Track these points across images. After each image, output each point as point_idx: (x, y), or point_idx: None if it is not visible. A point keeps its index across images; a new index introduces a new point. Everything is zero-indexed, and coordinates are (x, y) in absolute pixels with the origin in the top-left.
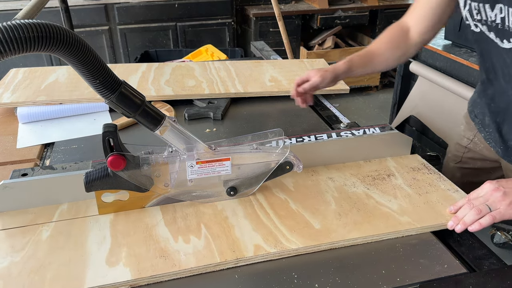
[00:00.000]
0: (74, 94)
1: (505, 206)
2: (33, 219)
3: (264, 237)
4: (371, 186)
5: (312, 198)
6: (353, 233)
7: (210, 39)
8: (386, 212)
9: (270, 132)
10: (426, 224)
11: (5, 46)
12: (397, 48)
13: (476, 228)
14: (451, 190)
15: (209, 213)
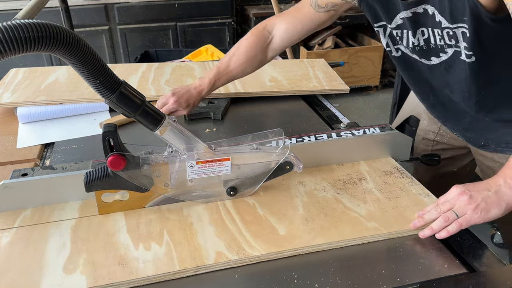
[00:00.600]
0: (74, 94)
1: (471, 211)
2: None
3: (227, 243)
4: (342, 191)
5: (281, 203)
6: (318, 239)
7: (210, 39)
8: (353, 217)
9: (270, 132)
10: (393, 230)
11: (5, 46)
12: (256, 63)
13: (443, 235)
14: (422, 195)
15: (173, 219)
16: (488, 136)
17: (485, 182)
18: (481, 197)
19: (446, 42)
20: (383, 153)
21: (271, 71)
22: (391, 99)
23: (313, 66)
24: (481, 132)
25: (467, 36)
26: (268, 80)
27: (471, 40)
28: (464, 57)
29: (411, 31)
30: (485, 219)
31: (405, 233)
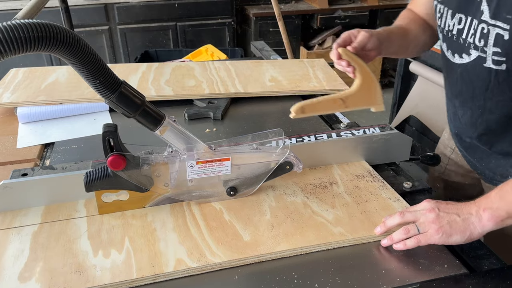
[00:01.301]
0: (74, 94)
1: (433, 230)
2: None
3: (189, 250)
4: (311, 195)
5: (249, 208)
6: (282, 245)
7: (210, 39)
8: (320, 223)
9: (270, 132)
10: (359, 236)
11: (5, 46)
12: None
13: (400, 247)
14: (392, 199)
15: (137, 225)
16: (484, 162)
17: (458, 205)
18: (447, 220)
19: (475, 42)
20: (382, 153)
21: (271, 71)
22: (391, 99)
23: (313, 66)
24: (478, 159)
25: (503, 39)
26: (268, 80)
27: (509, 43)
28: (491, 63)
29: (451, 11)
30: (444, 243)
31: (371, 238)
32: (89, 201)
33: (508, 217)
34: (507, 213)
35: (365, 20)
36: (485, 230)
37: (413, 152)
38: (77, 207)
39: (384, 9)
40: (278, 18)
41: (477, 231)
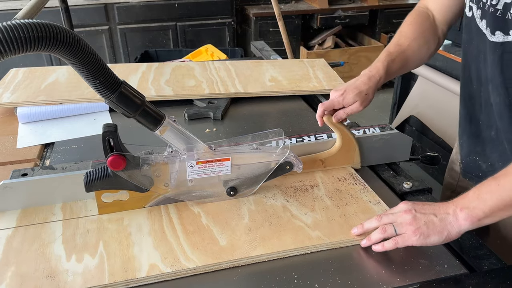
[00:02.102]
0: (74, 94)
1: (410, 232)
2: None
3: (163, 255)
4: (291, 198)
5: (227, 212)
6: (258, 249)
7: (210, 39)
8: (298, 226)
9: (270, 132)
10: (336, 239)
11: (5, 46)
12: (429, 43)
13: (379, 249)
14: (372, 202)
15: (112, 229)
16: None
17: (435, 205)
18: (424, 221)
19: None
20: (382, 153)
21: (271, 71)
22: (391, 99)
23: (313, 66)
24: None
25: None
26: (268, 80)
27: None
28: None
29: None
30: (422, 244)
31: (349, 242)
32: (66, 204)
33: (485, 216)
34: (484, 213)
35: (365, 20)
36: (462, 229)
37: (413, 152)
38: (53, 211)
39: (384, 9)
40: (278, 18)
41: (455, 230)
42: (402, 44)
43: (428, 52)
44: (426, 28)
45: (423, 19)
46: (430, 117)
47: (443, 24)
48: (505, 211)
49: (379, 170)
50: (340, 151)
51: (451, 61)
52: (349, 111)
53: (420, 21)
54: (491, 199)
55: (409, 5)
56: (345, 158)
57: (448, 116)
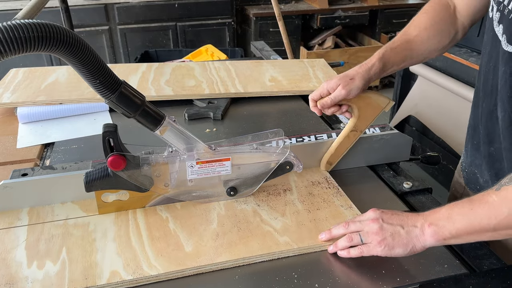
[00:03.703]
0: (74, 94)
1: (375, 242)
2: None
3: (126, 262)
4: (263, 202)
5: (196, 217)
6: (223, 255)
7: (210, 39)
8: (267, 232)
9: (270, 132)
10: (304, 245)
11: (5, 46)
12: (442, 34)
13: (344, 255)
14: (344, 207)
15: (77, 235)
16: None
17: (403, 216)
18: (391, 232)
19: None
20: (382, 153)
21: (271, 71)
22: None
23: (313, 66)
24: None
25: None
26: (268, 80)
27: None
28: None
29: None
30: (387, 255)
31: (317, 248)
32: (33, 209)
33: (451, 237)
34: (451, 234)
35: (365, 20)
36: (426, 245)
37: (413, 152)
38: (20, 215)
39: (384, 9)
40: (278, 18)
41: (420, 245)
42: (409, 33)
43: (440, 44)
44: (442, 18)
45: (441, 8)
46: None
47: (465, 17)
48: (472, 236)
49: (379, 170)
50: (362, 110)
51: (451, 61)
52: (332, 96)
53: (436, 10)
54: (460, 222)
55: (409, 5)
56: (372, 110)
57: (447, 116)
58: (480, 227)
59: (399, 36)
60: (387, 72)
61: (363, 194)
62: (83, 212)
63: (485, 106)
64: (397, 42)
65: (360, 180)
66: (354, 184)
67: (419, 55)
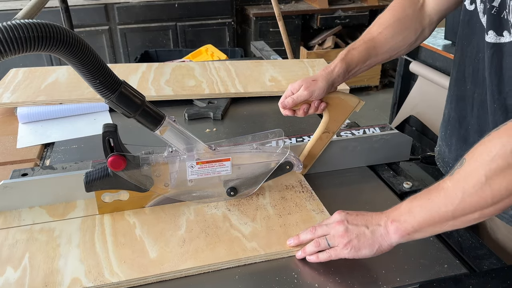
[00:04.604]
0: (74, 94)
1: (342, 245)
2: None
3: (88, 269)
4: (234, 207)
5: (165, 222)
6: (188, 262)
7: (210, 39)
8: (235, 237)
9: (270, 133)
10: (272, 251)
11: (5, 46)
12: (408, 31)
13: (313, 260)
14: (315, 211)
15: (42, 240)
16: None
17: (368, 216)
18: (356, 233)
19: (510, 21)
20: (383, 153)
21: (271, 71)
22: (391, 99)
23: (313, 66)
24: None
25: None
26: (268, 80)
27: None
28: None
29: None
30: (354, 257)
31: (285, 253)
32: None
33: (414, 231)
34: (413, 227)
35: (365, 20)
36: (392, 242)
37: (413, 152)
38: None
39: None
40: (278, 18)
41: (386, 243)
42: (373, 31)
43: (405, 42)
44: (407, 15)
45: (407, 4)
46: (430, 117)
47: (435, 13)
48: (435, 227)
49: (379, 170)
50: (332, 110)
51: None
52: (295, 96)
53: (402, 7)
54: (420, 214)
55: None
56: (342, 110)
57: None
58: (439, 217)
59: (363, 35)
60: (354, 72)
61: (363, 194)
62: (50, 217)
63: (477, 96)
64: (360, 42)
65: (360, 180)
66: (354, 184)
67: (384, 53)
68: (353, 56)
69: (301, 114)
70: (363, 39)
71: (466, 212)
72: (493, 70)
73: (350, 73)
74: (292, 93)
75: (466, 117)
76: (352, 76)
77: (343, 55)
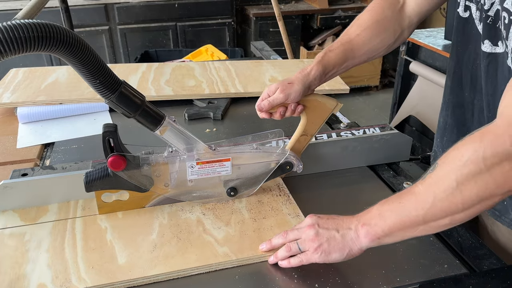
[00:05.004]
0: (74, 94)
1: (312, 249)
2: None
3: (56, 274)
4: (209, 211)
5: (137, 227)
6: (157, 268)
7: (210, 39)
8: (207, 242)
9: (270, 133)
10: (244, 256)
11: (5, 46)
12: (386, 33)
13: (285, 265)
14: (291, 215)
15: (11, 245)
16: None
17: (339, 220)
18: (326, 237)
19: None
20: (383, 153)
21: (271, 71)
22: (391, 99)
23: None
24: None
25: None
26: (268, 80)
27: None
28: (511, 62)
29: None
30: (325, 261)
31: (257, 259)
32: None
33: (384, 235)
34: (383, 232)
35: None
36: (362, 246)
37: (413, 152)
38: None
39: None
40: (278, 18)
41: (356, 247)
42: (351, 33)
43: (383, 44)
44: (386, 16)
45: (386, 6)
46: (430, 117)
47: (415, 14)
48: (405, 231)
49: (379, 170)
50: (309, 113)
51: None
52: (271, 99)
53: (381, 8)
54: (390, 218)
55: None
56: (320, 112)
57: None
58: (410, 221)
59: (341, 37)
60: (331, 74)
61: (363, 194)
62: (21, 221)
63: (477, 102)
64: (338, 44)
65: (360, 180)
66: (354, 184)
67: (362, 55)
68: (330, 58)
69: (278, 117)
70: (341, 41)
71: (437, 217)
72: (489, 80)
73: (327, 75)
74: (269, 96)
75: (466, 124)
76: (330, 79)
77: (320, 57)
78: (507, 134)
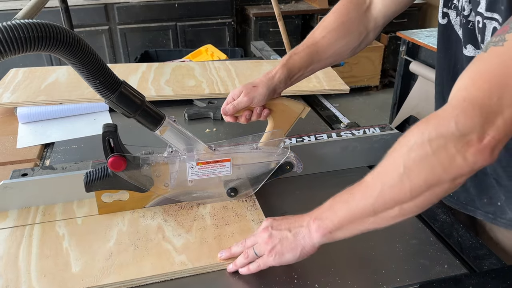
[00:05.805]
0: (74, 94)
1: (267, 252)
2: None
3: (6, 283)
4: (171, 217)
5: (95, 233)
6: (111, 277)
7: (210, 39)
8: (165, 250)
9: (270, 133)
10: (201, 264)
11: (5, 46)
12: (351, 36)
13: (244, 272)
14: (255, 221)
15: None
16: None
17: (292, 219)
18: (279, 238)
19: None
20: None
21: None
22: (391, 99)
23: None
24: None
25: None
26: None
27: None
28: None
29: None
30: (280, 263)
31: (215, 267)
32: None
33: (335, 229)
34: (334, 225)
35: None
36: (314, 242)
37: None
38: None
39: None
40: (278, 18)
41: (308, 244)
42: (316, 35)
43: (349, 46)
44: (351, 18)
45: (351, 7)
46: None
47: (381, 16)
48: (356, 224)
49: None
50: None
51: None
52: (235, 103)
53: (346, 10)
54: (340, 210)
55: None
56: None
57: None
58: (360, 212)
59: (306, 39)
60: (296, 77)
61: None
62: None
63: None
64: (303, 46)
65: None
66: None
67: (327, 57)
68: (295, 61)
69: (244, 121)
70: (306, 44)
71: (386, 206)
72: None
73: (293, 78)
74: (233, 99)
75: None
76: (296, 82)
77: (285, 60)
78: (452, 115)
